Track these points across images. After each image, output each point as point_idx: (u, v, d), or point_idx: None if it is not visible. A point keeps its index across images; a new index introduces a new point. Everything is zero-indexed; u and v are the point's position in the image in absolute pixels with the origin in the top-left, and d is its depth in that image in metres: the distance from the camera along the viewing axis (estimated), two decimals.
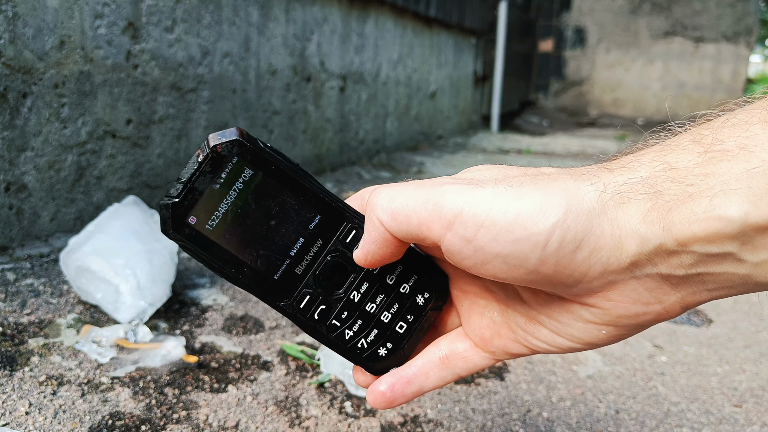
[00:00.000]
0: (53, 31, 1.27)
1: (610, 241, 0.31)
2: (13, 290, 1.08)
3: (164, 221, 0.39)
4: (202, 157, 0.38)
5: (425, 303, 0.42)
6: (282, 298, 0.40)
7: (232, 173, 0.38)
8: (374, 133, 3.03)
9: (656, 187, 0.30)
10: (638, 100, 6.34)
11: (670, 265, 0.30)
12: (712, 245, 0.28)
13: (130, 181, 1.53)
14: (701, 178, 0.29)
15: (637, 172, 0.31)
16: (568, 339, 0.37)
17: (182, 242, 0.39)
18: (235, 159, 0.38)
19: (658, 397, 0.90)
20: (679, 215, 0.29)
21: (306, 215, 0.40)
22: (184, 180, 0.38)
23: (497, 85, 4.88)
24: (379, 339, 0.42)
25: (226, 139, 0.38)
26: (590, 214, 0.31)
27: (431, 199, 0.33)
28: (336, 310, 0.41)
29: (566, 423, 0.82)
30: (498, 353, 0.41)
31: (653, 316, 0.33)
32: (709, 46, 5.97)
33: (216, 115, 1.80)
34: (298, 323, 0.41)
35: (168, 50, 1.58)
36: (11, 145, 1.22)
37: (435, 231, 0.33)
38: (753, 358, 1.05)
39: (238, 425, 0.76)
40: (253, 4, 1.91)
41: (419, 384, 0.42)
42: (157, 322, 1.02)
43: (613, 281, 0.32)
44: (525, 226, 0.31)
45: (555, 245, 0.31)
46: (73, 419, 0.74)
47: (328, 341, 0.42)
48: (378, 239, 0.36)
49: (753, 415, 0.87)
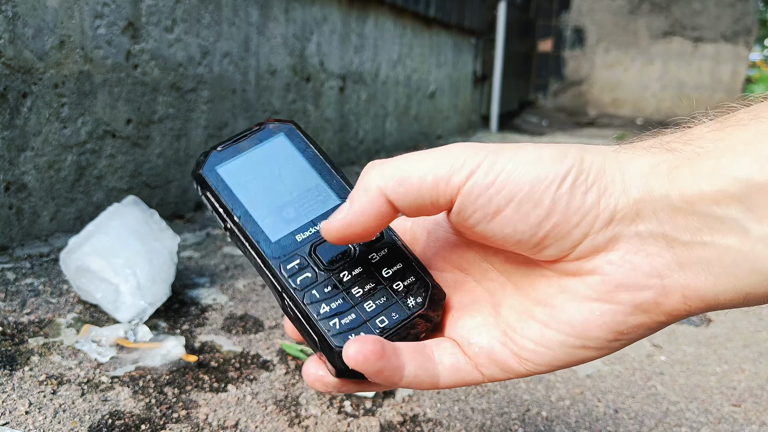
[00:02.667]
0: (53, 31, 1.27)
1: (619, 187, 0.32)
2: (12, 290, 1.08)
3: (198, 163, 0.42)
4: (256, 128, 0.43)
5: (415, 306, 0.39)
6: (273, 256, 0.40)
7: (275, 147, 0.43)
8: (374, 133, 3.03)
9: (669, 146, 0.32)
10: (637, 100, 6.34)
11: (674, 225, 0.30)
12: (717, 206, 0.28)
13: (130, 181, 1.53)
14: (712, 142, 0.30)
15: (654, 139, 0.33)
16: (557, 331, 0.34)
17: (204, 184, 0.41)
18: (282, 137, 0.43)
19: (657, 397, 0.91)
20: (686, 170, 0.30)
21: (325, 197, 0.42)
22: (233, 138, 0.43)
23: (496, 85, 4.88)
24: (354, 325, 0.38)
25: (280, 122, 0.44)
26: (604, 162, 0.32)
27: (446, 160, 0.34)
28: (320, 282, 0.39)
29: (565, 422, 0.83)
30: (489, 373, 0.38)
31: (652, 294, 0.32)
32: (708, 46, 5.98)
33: (216, 115, 1.81)
34: (279, 284, 0.39)
35: (168, 50, 1.58)
36: (11, 144, 1.22)
37: (454, 182, 0.33)
38: (752, 358, 1.06)
39: (238, 424, 0.76)
40: (253, 4, 1.92)
41: (404, 361, 0.36)
42: (156, 321, 1.02)
43: (618, 236, 0.32)
44: (542, 167, 0.32)
45: (569, 184, 0.32)
46: (73, 418, 0.74)
47: (301, 313, 0.38)
48: (369, 210, 0.35)
49: (752, 414, 0.87)
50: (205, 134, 1.77)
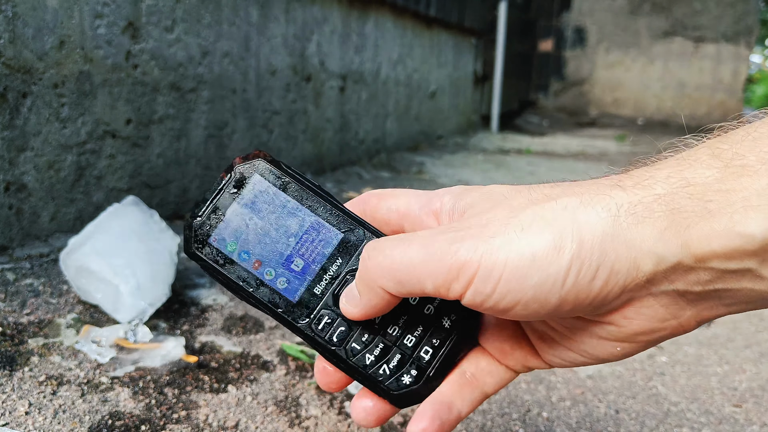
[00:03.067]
0: (53, 31, 1.27)
1: (626, 264, 0.30)
2: (12, 290, 1.08)
3: (187, 240, 0.40)
4: (226, 178, 0.40)
5: (452, 326, 0.40)
6: (300, 319, 0.39)
7: (254, 193, 0.40)
8: (374, 133, 3.03)
9: (673, 205, 0.29)
10: (638, 100, 6.33)
11: (687, 281, 0.30)
12: (732, 262, 0.28)
13: (130, 181, 1.53)
14: (721, 194, 0.28)
15: (652, 190, 0.30)
16: (581, 354, 0.37)
17: (203, 262, 0.39)
18: (258, 179, 0.40)
19: (658, 397, 0.90)
20: (697, 231, 0.28)
21: (326, 234, 0.40)
22: (208, 200, 0.40)
23: (497, 85, 4.88)
24: (402, 365, 0.39)
25: (249, 160, 0.40)
26: (603, 240, 0.30)
27: (444, 260, 0.32)
28: (356, 332, 0.39)
29: (566, 423, 0.82)
30: (516, 366, 0.40)
31: (668, 332, 0.33)
32: (709, 46, 5.97)
33: (216, 115, 1.80)
34: (316, 347, 0.39)
35: (168, 50, 1.58)
36: (11, 145, 1.22)
37: (454, 290, 0.33)
38: (753, 358, 1.05)
39: (238, 425, 0.76)
40: (253, 4, 1.91)
41: (458, 409, 0.39)
42: (156, 322, 1.02)
43: (630, 299, 0.32)
44: (541, 268, 0.30)
45: (572, 279, 0.30)
46: (73, 419, 0.74)
47: (348, 367, 0.39)
48: (379, 304, 0.36)
49: (753, 415, 0.87)
50: (205, 134, 1.77)
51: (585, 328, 0.35)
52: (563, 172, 3.05)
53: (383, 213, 0.41)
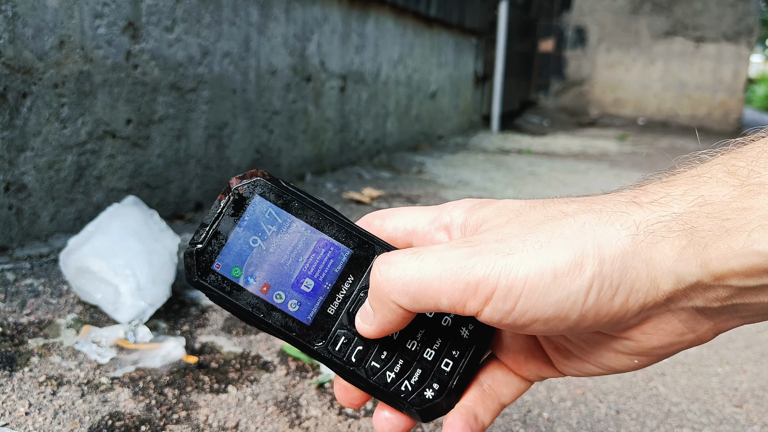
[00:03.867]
0: (53, 31, 1.27)
1: (646, 282, 0.30)
2: (12, 290, 1.08)
3: (189, 269, 0.38)
4: (224, 200, 0.38)
5: (470, 336, 0.39)
6: (316, 341, 0.38)
7: (256, 214, 0.38)
8: (374, 133, 3.03)
9: (691, 224, 0.29)
10: (639, 100, 6.33)
11: (705, 299, 0.30)
12: (750, 279, 0.28)
13: (130, 181, 1.53)
14: (738, 212, 0.28)
15: (669, 208, 0.30)
16: (597, 366, 0.37)
17: (209, 290, 0.38)
18: (258, 199, 0.38)
19: (659, 398, 0.90)
20: (716, 251, 0.28)
21: (335, 251, 0.38)
22: (207, 225, 0.38)
23: (498, 85, 4.88)
24: (424, 379, 0.38)
25: (246, 180, 0.38)
26: (624, 257, 0.30)
27: (460, 276, 0.31)
28: (374, 350, 0.38)
29: (567, 423, 0.82)
30: (531, 376, 0.40)
31: (686, 345, 0.34)
32: (709, 46, 5.97)
33: (216, 115, 1.80)
34: (335, 368, 0.38)
35: (168, 50, 1.58)
36: (11, 145, 1.22)
37: (471, 307, 0.32)
38: (754, 359, 1.05)
39: (238, 426, 0.76)
40: (253, 4, 1.91)
41: (482, 420, 0.39)
42: (156, 322, 1.02)
43: (649, 316, 0.32)
44: (563, 286, 0.30)
45: (594, 297, 0.30)
46: (73, 419, 0.74)
47: (369, 386, 0.39)
48: (394, 320, 0.35)
49: (754, 415, 0.87)
50: (206, 134, 1.77)
51: (602, 342, 0.35)
52: (564, 172, 3.05)
53: (389, 232, 0.40)
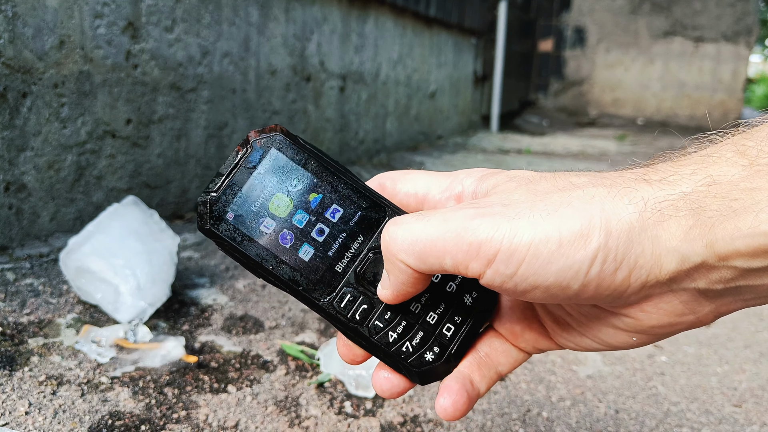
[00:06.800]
0: (53, 31, 1.27)
1: (650, 260, 0.30)
2: (12, 290, 1.08)
3: (201, 216, 0.37)
4: (242, 152, 0.38)
5: (473, 303, 0.40)
6: (322, 297, 0.38)
7: (272, 167, 0.38)
8: (374, 133, 3.03)
9: (698, 203, 0.29)
10: (638, 100, 6.34)
11: (709, 280, 0.30)
12: (755, 260, 0.28)
13: (130, 181, 1.53)
14: (746, 192, 0.28)
15: (678, 187, 0.30)
16: (595, 341, 0.37)
17: (219, 239, 0.38)
18: (275, 153, 0.38)
19: (658, 397, 0.90)
20: (722, 231, 0.28)
21: (347, 211, 0.39)
22: (223, 174, 0.38)
23: (497, 85, 4.88)
24: (425, 342, 0.39)
25: (265, 134, 0.38)
26: (630, 232, 0.30)
27: (464, 236, 0.31)
28: (379, 309, 0.38)
29: (566, 423, 0.82)
30: (528, 347, 0.41)
31: (686, 326, 0.33)
32: (708, 46, 5.98)
33: (216, 115, 1.80)
34: (338, 325, 0.39)
35: (168, 50, 1.58)
36: (11, 144, 1.22)
37: (473, 269, 0.32)
38: (753, 358, 1.05)
39: (238, 425, 0.76)
40: (253, 4, 1.91)
41: (477, 386, 0.39)
42: (156, 322, 1.02)
43: (650, 294, 0.32)
44: (567, 255, 0.30)
45: (597, 269, 0.30)
46: (73, 419, 0.74)
47: (371, 344, 0.39)
48: (407, 281, 0.35)
49: (753, 414, 0.87)
50: (205, 134, 1.77)
51: (602, 317, 0.35)
52: None
53: (401, 197, 0.40)
